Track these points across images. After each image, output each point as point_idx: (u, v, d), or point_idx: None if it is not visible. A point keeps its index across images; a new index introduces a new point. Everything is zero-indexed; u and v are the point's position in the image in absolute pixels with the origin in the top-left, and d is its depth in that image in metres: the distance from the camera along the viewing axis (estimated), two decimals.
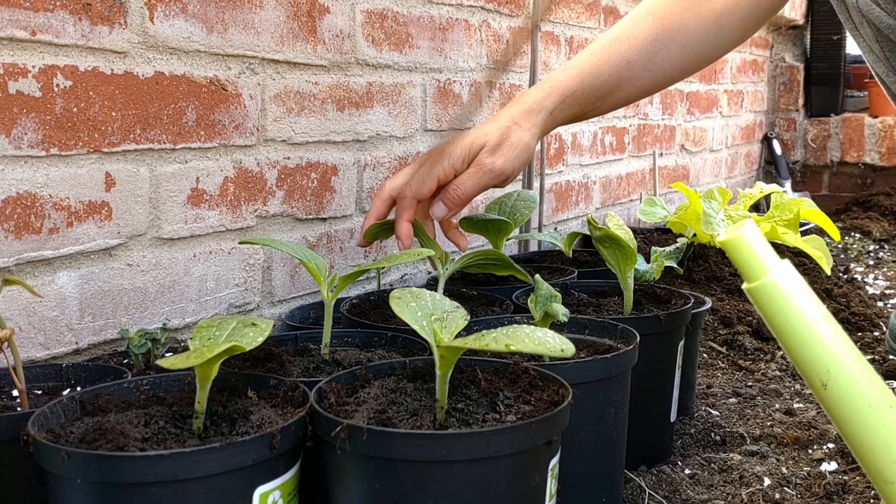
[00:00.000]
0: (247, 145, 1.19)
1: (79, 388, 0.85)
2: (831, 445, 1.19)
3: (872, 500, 1.02)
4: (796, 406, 1.36)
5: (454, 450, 0.67)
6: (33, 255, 0.94)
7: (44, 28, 0.93)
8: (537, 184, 1.86)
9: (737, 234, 0.64)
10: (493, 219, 1.32)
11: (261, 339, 0.74)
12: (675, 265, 1.33)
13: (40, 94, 0.93)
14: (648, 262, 1.30)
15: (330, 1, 1.30)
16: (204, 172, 1.13)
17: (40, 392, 0.86)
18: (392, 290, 0.79)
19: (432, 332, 0.75)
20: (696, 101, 2.85)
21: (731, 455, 1.16)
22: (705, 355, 1.59)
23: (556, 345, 0.70)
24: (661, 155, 2.60)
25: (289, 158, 1.26)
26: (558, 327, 0.99)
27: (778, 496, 1.03)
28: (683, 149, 2.81)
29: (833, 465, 1.13)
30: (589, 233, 1.15)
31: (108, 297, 1.03)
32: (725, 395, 1.41)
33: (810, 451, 1.18)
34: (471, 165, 1.11)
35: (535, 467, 0.72)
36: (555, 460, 0.75)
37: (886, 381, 0.76)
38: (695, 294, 1.26)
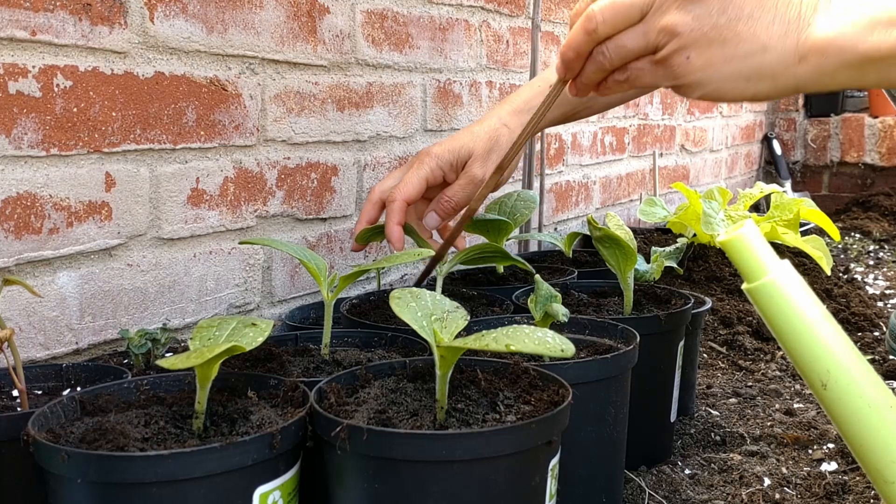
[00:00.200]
0: (247, 145, 1.19)
1: (79, 388, 0.85)
2: (831, 445, 1.19)
3: (872, 500, 1.02)
4: (796, 406, 1.36)
5: (454, 450, 0.67)
6: (33, 255, 0.94)
7: (44, 28, 0.93)
8: (537, 184, 1.86)
9: (737, 234, 0.64)
10: (493, 219, 1.32)
11: (261, 339, 0.74)
12: (675, 265, 1.33)
13: (40, 94, 0.93)
14: (648, 262, 1.30)
15: (330, 1, 1.30)
16: (204, 172, 1.13)
17: (40, 392, 0.86)
18: (392, 290, 0.79)
19: (432, 332, 0.75)
20: (697, 100, 2.86)
21: (731, 455, 1.16)
22: (705, 355, 1.59)
23: (556, 345, 0.70)
24: (661, 155, 2.60)
25: (289, 158, 1.26)
26: (558, 327, 0.99)
27: (778, 496, 1.03)
28: (683, 149, 2.81)
29: (833, 465, 1.13)
30: (589, 233, 1.15)
31: (108, 297, 1.03)
32: (725, 395, 1.41)
33: (810, 451, 1.18)
34: (461, 176, 1.10)
35: (535, 467, 0.72)
36: (555, 460, 0.75)
37: (886, 381, 0.76)
38: (695, 294, 1.26)
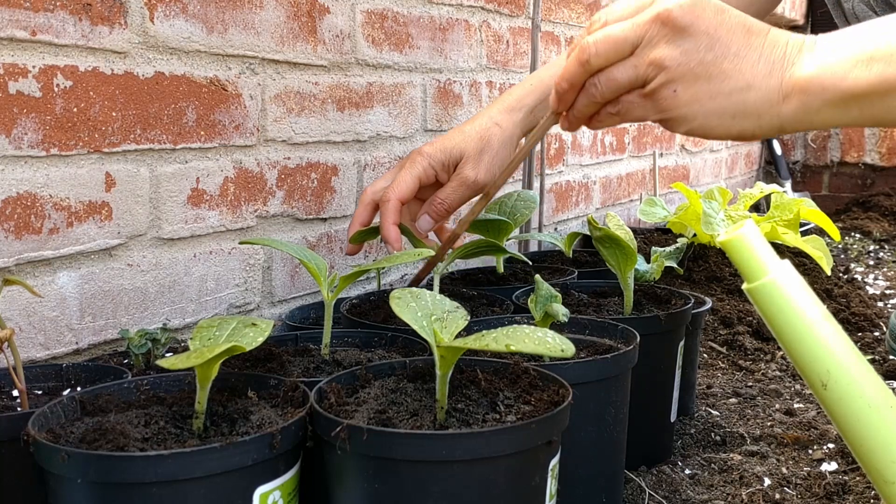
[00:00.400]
0: (247, 145, 1.19)
1: (79, 388, 0.85)
2: (831, 445, 1.19)
3: (872, 501, 1.02)
4: (796, 406, 1.36)
5: (454, 450, 0.67)
6: (33, 255, 0.94)
7: (44, 28, 0.93)
8: (537, 184, 1.86)
9: (737, 234, 0.64)
10: (493, 219, 1.32)
11: (261, 340, 0.74)
12: (675, 265, 1.33)
13: (40, 94, 0.93)
14: (648, 262, 1.30)
15: (330, 1, 1.30)
16: (204, 172, 1.13)
17: (40, 392, 0.86)
18: (392, 290, 0.79)
19: (432, 333, 0.75)
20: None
21: (732, 455, 1.16)
22: (705, 355, 1.59)
23: (557, 345, 0.70)
24: (661, 155, 2.60)
25: (289, 158, 1.26)
26: (558, 327, 0.99)
27: (778, 496, 1.03)
28: (683, 149, 2.81)
29: (833, 465, 1.13)
30: (589, 233, 1.15)
31: (108, 297, 1.03)
32: (725, 395, 1.41)
33: (810, 451, 1.18)
34: (453, 178, 1.09)
35: (535, 467, 0.72)
36: (555, 460, 0.75)
37: (886, 381, 0.76)
38: (695, 294, 1.26)
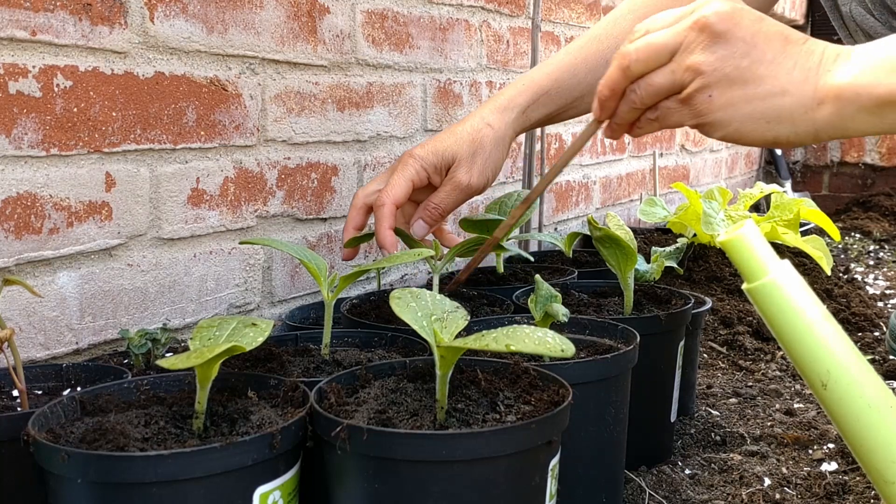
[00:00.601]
0: (247, 145, 1.19)
1: (79, 388, 0.85)
2: (831, 445, 1.19)
3: (872, 501, 1.02)
4: (796, 406, 1.36)
5: (454, 450, 0.67)
6: (33, 255, 0.94)
7: (44, 28, 0.93)
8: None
9: (737, 234, 0.64)
10: (493, 219, 1.32)
11: (261, 339, 0.74)
12: (675, 265, 1.33)
13: (40, 94, 0.93)
14: (648, 262, 1.30)
15: (330, 1, 1.31)
16: (204, 172, 1.13)
17: (40, 392, 0.86)
18: (392, 290, 0.79)
19: (432, 333, 0.75)
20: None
21: (732, 455, 1.16)
22: (705, 355, 1.59)
23: (557, 345, 0.70)
24: (661, 155, 2.60)
25: (289, 158, 1.26)
26: (558, 327, 0.99)
27: (778, 496, 1.03)
28: (683, 149, 2.81)
29: (833, 465, 1.13)
30: (589, 233, 1.15)
31: (108, 297, 1.03)
32: (725, 395, 1.41)
33: (810, 451, 1.18)
34: (446, 182, 1.08)
35: (535, 467, 0.72)
36: (555, 460, 0.75)
37: (886, 381, 0.76)
38: (695, 294, 1.26)
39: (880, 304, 2.07)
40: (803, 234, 1.63)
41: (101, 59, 0.99)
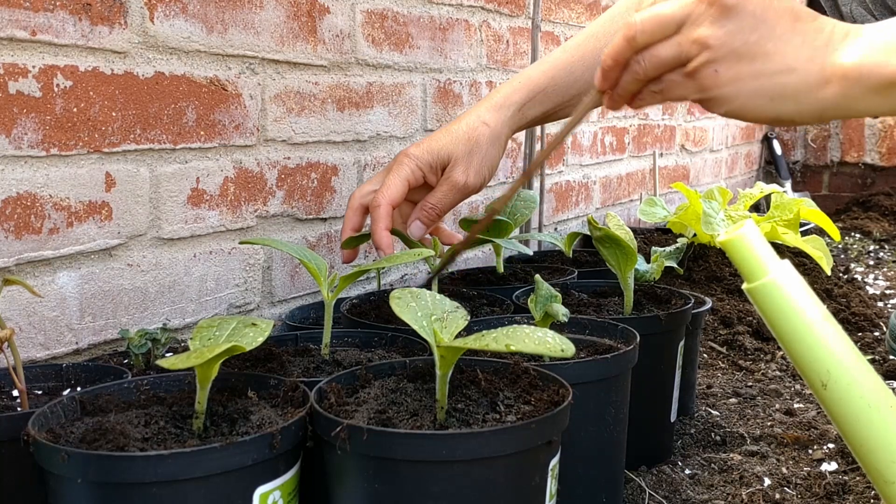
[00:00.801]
0: (247, 145, 1.19)
1: (79, 388, 0.85)
2: (831, 445, 1.19)
3: (872, 501, 1.02)
4: (796, 406, 1.36)
5: (454, 450, 0.67)
6: (33, 255, 0.94)
7: (44, 28, 0.93)
8: (537, 184, 1.86)
9: (737, 234, 0.64)
10: (493, 218, 1.32)
11: (261, 339, 0.74)
12: (675, 265, 1.33)
13: (40, 94, 0.93)
14: (648, 262, 1.30)
15: (330, 1, 1.30)
16: (204, 172, 1.13)
17: (40, 392, 0.86)
18: (392, 290, 0.79)
19: (432, 333, 0.75)
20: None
21: (732, 455, 1.16)
22: (705, 355, 1.59)
23: (556, 345, 0.70)
24: (661, 155, 2.60)
25: (289, 158, 1.26)
26: (558, 327, 0.99)
27: (778, 496, 1.03)
28: (683, 149, 2.81)
29: (833, 465, 1.13)
30: (589, 233, 1.15)
31: (108, 297, 1.03)
32: (725, 395, 1.41)
33: (810, 451, 1.18)
34: (443, 181, 1.08)
35: (535, 467, 0.72)
36: (555, 460, 0.75)
37: (886, 381, 0.76)
38: (695, 294, 1.26)
39: (880, 304, 2.07)
40: (803, 234, 1.63)
41: (101, 58, 0.99)
